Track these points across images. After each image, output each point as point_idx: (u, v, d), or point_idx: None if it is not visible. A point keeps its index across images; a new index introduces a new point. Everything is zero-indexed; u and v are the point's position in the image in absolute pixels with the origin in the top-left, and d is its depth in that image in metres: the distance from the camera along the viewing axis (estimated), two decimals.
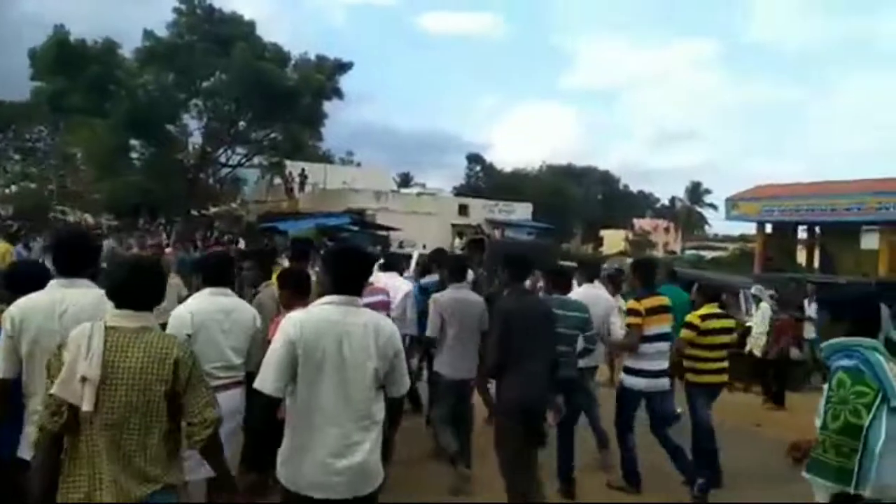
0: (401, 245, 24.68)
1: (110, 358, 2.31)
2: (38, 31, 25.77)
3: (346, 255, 2.96)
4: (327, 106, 29.85)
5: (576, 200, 58.99)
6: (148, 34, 26.73)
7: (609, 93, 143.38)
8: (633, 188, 72.51)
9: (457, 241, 23.91)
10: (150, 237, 26.41)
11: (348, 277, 2.79)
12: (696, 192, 59.97)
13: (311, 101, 28.46)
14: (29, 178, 49.88)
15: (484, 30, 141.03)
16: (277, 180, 36.19)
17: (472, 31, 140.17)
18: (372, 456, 2.70)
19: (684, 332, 5.56)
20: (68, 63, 25.07)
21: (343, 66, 29.60)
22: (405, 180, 56.44)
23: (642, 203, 70.45)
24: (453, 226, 31.28)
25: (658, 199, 73.13)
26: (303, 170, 33.45)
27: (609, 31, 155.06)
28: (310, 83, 27.63)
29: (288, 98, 27.33)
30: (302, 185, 33.65)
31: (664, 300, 5.48)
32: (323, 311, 2.73)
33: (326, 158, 41.94)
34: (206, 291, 3.74)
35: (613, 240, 55.66)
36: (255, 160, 32.45)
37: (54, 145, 46.97)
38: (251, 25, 28.05)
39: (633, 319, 5.30)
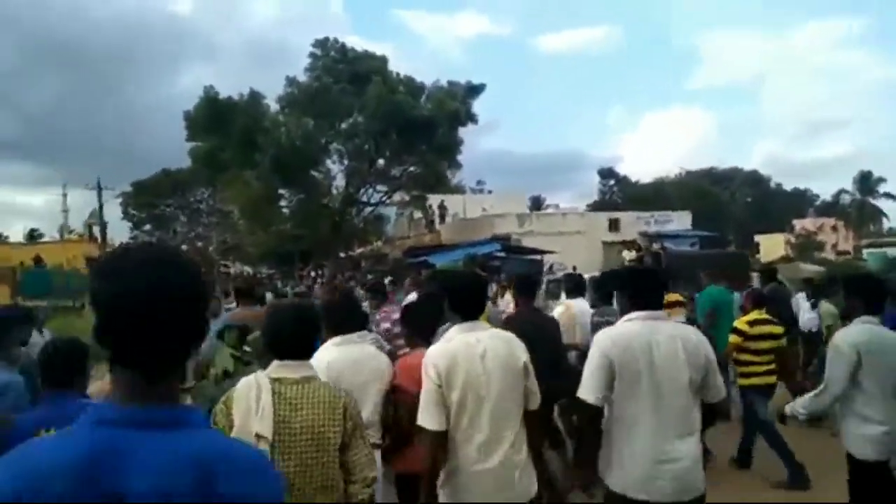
0: (551, 269, 22.27)
1: (282, 413, 2.18)
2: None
3: (643, 274, 3.18)
4: (462, 132, 28.31)
5: (724, 205, 53.56)
6: (289, 80, 26.66)
7: (743, 88, 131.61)
8: (787, 186, 65.11)
9: (626, 253, 20.98)
10: (303, 283, 26.04)
11: (650, 293, 2.88)
12: (866, 182, 51.98)
13: (446, 129, 27.03)
14: (195, 238, 53.40)
15: (601, 43, 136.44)
16: (418, 214, 35.18)
17: (590, 47, 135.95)
18: (695, 465, 2.72)
19: (732, 338, 5.72)
20: (218, 119, 25.42)
21: (475, 89, 27.98)
22: (537, 203, 54.02)
23: (799, 202, 62.80)
24: (604, 243, 28.31)
25: (817, 196, 65.06)
26: (442, 202, 32.12)
27: (734, 24, 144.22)
28: (445, 110, 26.20)
29: (425, 128, 26.07)
30: (442, 216, 32.28)
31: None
32: (631, 325, 2.81)
33: (459, 189, 40.74)
34: (336, 340, 3.18)
35: (771, 245, 49.42)
36: (396, 196, 31.57)
37: (213, 205, 49.94)
38: (383, 60, 27.25)
39: None
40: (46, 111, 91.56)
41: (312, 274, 29.50)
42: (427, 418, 2.64)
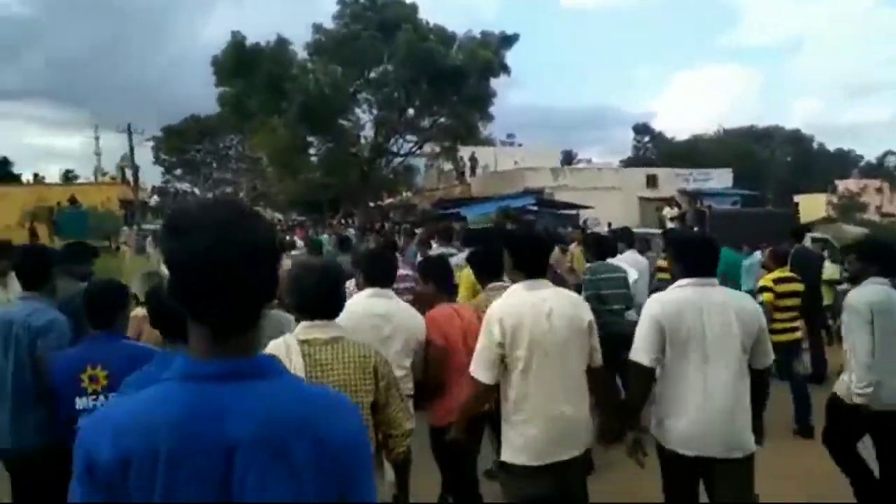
0: (585, 224, 21.64)
1: (313, 374, 2.17)
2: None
3: (699, 242, 3.17)
4: (494, 84, 27.25)
5: (764, 164, 51.58)
6: (316, 27, 25.80)
7: (782, 46, 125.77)
8: (829, 147, 62.41)
9: (667, 210, 20.18)
10: (334, 230, 25.81)
11: (704, 261, 2.95)
12: None
13: (478, 80, 26.04)
14: (224, 184, 53.46)
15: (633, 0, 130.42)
16: (448, 166, 34.47)
17: (621, 3, 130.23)
18: (745, 425, 2.83)
19: (765, 295, 5.67)
20: (245, 65, 24.75)
21: (508, 40, 26.75)
22: (568, 158, 52.64)
23: (842, 163, 60.27)
24: (640, 199, 27.43)
25: (861, 157, 62.31)
26: (473, 153, 31.34)
27: None
28: (477, 60, 25.15)
29: (456, 78, 25.11)
30: (473, 169, 31.54)
31: None
32: (682, 291, 2.89)
33: (489, 142, 39.75)
34: (367, 293, 3.13)
35: (811, 205, 47.50)
36: (426, 147, 30.85)
37: (242, 151, 49.76)
38: (413, 8, 26.12)
39: None
40: (81, 57, 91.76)
41: (343, 222, 29.27)
42: (480, 371, 2.76)
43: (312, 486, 1.08)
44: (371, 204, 32.14)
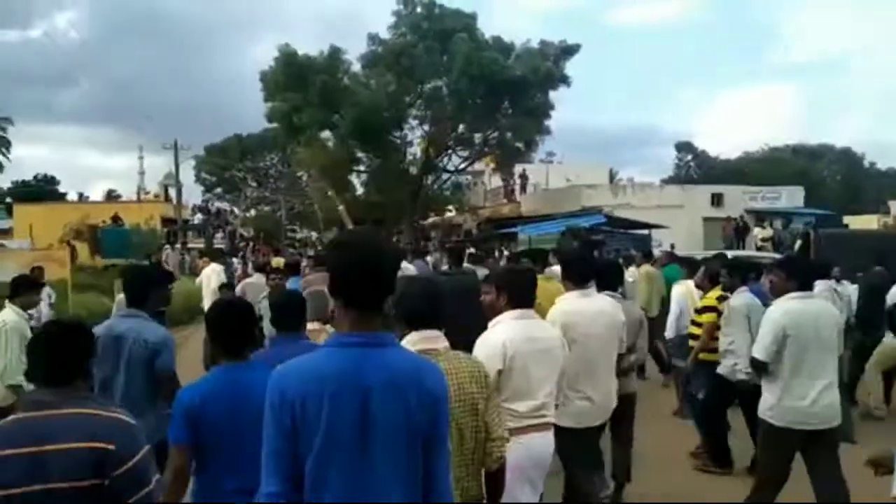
0: (659, 246, 19.72)
1: None
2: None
3: (810, 264, 5.42)
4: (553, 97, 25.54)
5: (814, 183, 48.93)
6: (371, 38, 24.42)
7: (829, 63, 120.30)
8: (881, 165, 59.24)
9: (758, 231, 18.20)
10: None
11: (809, 278, 4.11)
12: None
13: (536, 91, 24.39)
14: (263, 203, 52.52)
15: (677, 18, 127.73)
16: (494, 183, 32.79)
17: (665, 21, 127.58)
18: (836, 402, 3.90)
19: (711, 316, 5.60)
20: (297, 78, 23.47)
21: (569, 50, 25.07)
22: (609, 176, 50.71)
23: (894, 181, 57.11)
24: (705, 219, 25.36)
25: None
26: (523, 170, 29.65)
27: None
28: (537, 71, 23.50)
29: (514, 89, 23.50)
30: (523, 186, 29.82)
31: None
32: (796, 303, 3.88)
33: (527, 159, 37.88)
34: (513, 314, 3.04)
35: (863, 226, 44.90)
36: (476, 165, 29.26)
37: (282, 170, 48.80)
38: (472, 17, 24.60)
39: None
40: (128, 79, 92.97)
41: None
42: None
43: (416, 413, 1.65)
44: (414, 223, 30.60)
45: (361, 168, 27.37)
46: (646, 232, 19.98)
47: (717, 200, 25.94)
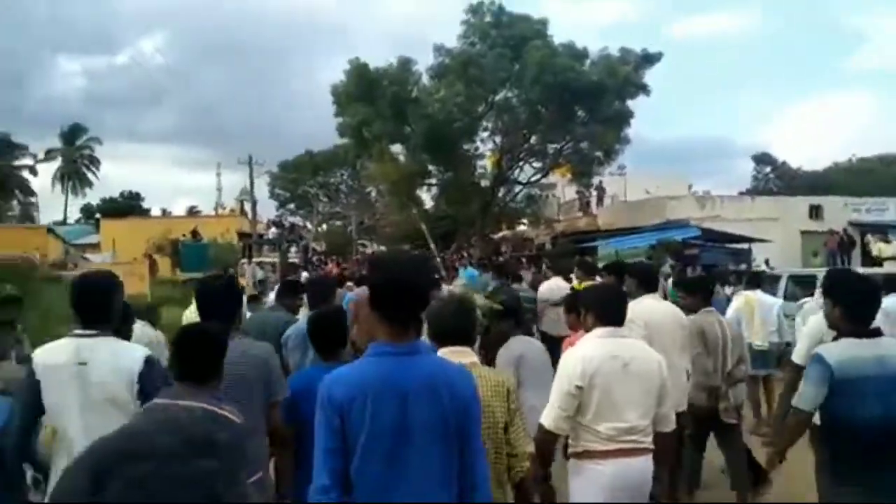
0: (767, 263, 17.73)
1: None
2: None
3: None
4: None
5: None
6: (438, 48, 23.49)
7: None
8: None
9: (881, 246, 16.07)
10: (448, 263, 23.13)
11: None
12: None
13: (614, 100, 22.83)
14: (334, 218, 52.72)
15: (745, 27, 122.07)
16: (569, 196, 31.19)
17: (732, 31, 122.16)
18: None
19: None
20: (367, 90, 22.85)
21: (650, 58, 23.38)
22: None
23: None
24: (803, 233, 22.99)
25: None
26: (600, 182, 27.96)
27: None
28: (615, 76, 21.96)
29: (590, 97, 22.03)
30: (600, 198, 28.12)
31: None
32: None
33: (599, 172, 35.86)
34: (599, 332, 2.89)
35: None
36: (549, 178, 27.82)
37: (353, 185, 48.82)
38: (543, 23, 23.33)
39: None
40: (208, 100, 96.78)
41: (458, 256, 26.60)
42: None
43: (449, 414, 1.79)
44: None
45: (432, 181, 26.42)
46: (744, 246, 18.02)
47: (815, 213, 23.51)
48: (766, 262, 18.06)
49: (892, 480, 2.56)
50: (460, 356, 2.34)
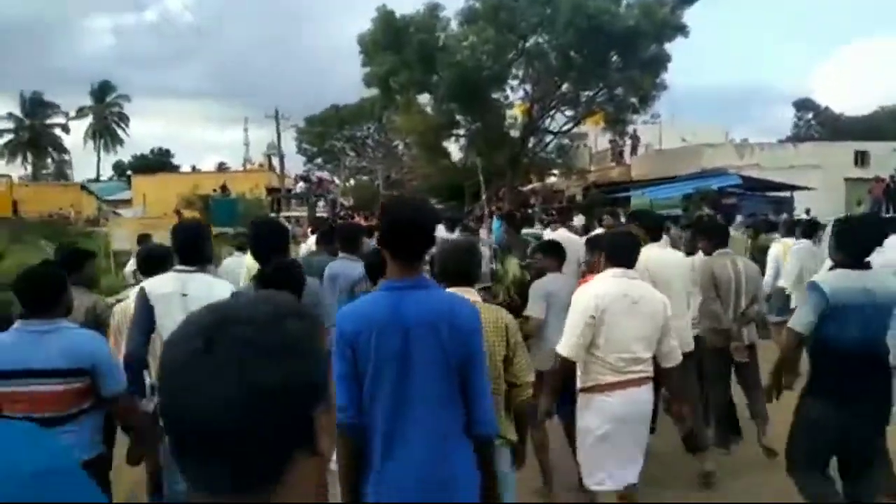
0: (808, 212, 16.95)
1: None
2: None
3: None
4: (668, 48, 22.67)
5: None
6: None
7: None
8: None
9: None
10: (472, 219, 22.66)
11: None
12: None
13: (651, 43, 21.72)
14: (361, 172, 52.32)
15: None
16: (602, 145, 30.25)
17: None
18: None
19: None
20: (394, 38, 22.11)
21: None
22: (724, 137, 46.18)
23: None
24: (847, 180, 21.99)
25: None
26: (634, 130, 26.97)
27: None
28: (653, 18, 20.82)
29: (627, 40, 20.98)
30: (634, 148, 27.22)
31: None
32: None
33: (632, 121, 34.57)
34: (611, 273, 3.19)
35: None
36: (580, 127, 26.90)
37: (379, 139, 48.19)
38: None
39: None
40: (236, 57, 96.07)
41: (490, 210, 26.12)
42: None
43: (448, 344, 1.91)
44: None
45: (460, 132, 25.75)
46: (786, 194, 17.27)
47: (861, 159, 22.46)
48: (807, 212, 17.31)
49: (860, 393, 2.94)
50: (467, 295, 2.43)
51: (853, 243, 3.07)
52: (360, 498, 1.98)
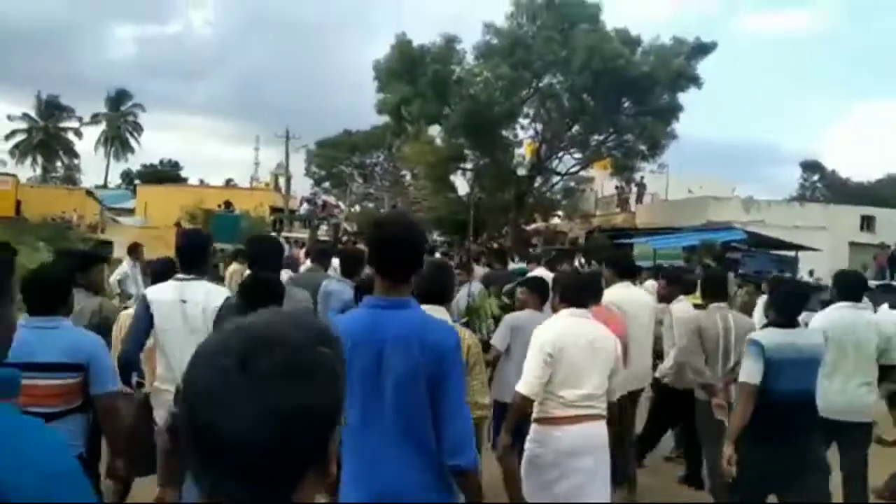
0: (811, 274, 16.69)
1: None
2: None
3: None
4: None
5: None
6: (487, 27, 22.67)
7: None
8: None
9: None
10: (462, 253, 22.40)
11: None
12: None
13: (664, 91, 21.81)
14: (368, 199, 52.39)
15: (813, 27, 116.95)
16: (607, 191, 30.20)
17: (799, 31, 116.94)
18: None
19: None
20: (409, 68, 22.23)
21: (704, 48, 22.26)
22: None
23: None
24: (852, 244, 21.75)
25: None
26: (641, 178, 26.93)
27: None
28: (668, 67, 20.93)
29: (640, 87, 21.06)
30: (640, 196, 27.12)
31: None
32: (841, 311, 3.93)
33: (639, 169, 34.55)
34: (568, 312, 3.34)
35: None
36: (589, 170, 26.90)
37: (387, 168, 48.37)
38: (596, 8, 22.34)
39: None
40: (252, 75, 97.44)
41: (487, 247, 25.92)
42: None
43: (419, 362, 1.89)
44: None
45: (468, 166, 25.72)
46: (791, 253, 17.00)
47: (867, 224, 22.25)
48: (811, 273, 17.04)
49: (795, 440, 3.23)
50: (434, 314, 2.49)
51: (786, 304, 3.41)
52: None
